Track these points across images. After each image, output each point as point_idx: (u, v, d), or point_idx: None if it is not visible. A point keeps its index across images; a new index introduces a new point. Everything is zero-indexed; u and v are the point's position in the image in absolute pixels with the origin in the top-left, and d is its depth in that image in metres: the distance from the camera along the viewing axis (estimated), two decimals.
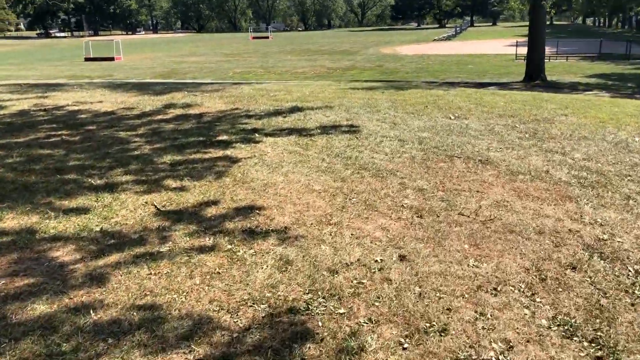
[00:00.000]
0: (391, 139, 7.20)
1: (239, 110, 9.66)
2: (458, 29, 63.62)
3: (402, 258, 3.87)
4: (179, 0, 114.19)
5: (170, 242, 4.10)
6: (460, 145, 6.96)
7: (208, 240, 4.12)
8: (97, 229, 4.35)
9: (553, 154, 6.59)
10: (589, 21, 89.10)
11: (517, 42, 32.73)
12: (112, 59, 40.00)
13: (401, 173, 5.80)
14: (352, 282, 3.53)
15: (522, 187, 5.40)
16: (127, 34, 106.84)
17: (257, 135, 7.55)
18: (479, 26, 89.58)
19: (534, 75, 18.53)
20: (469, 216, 4.63)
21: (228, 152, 6.65)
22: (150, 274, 3.63)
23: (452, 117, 8.74)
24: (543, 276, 3.65)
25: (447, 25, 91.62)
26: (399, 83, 16.17)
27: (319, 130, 7.78)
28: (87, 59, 40.16)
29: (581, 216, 4.70)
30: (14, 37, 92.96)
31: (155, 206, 4.81)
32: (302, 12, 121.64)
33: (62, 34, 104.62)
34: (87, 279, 3.55)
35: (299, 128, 7.97)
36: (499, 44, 43.62)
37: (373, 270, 3.68)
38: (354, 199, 5.01)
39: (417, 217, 4.61)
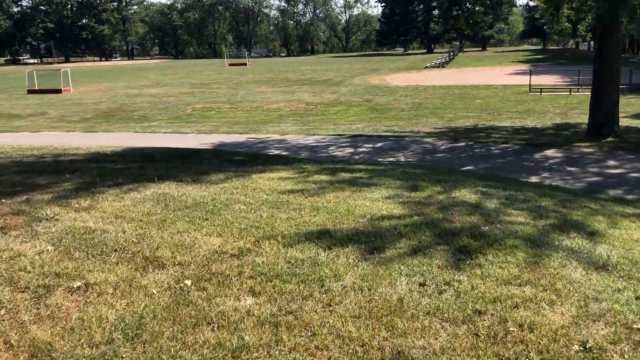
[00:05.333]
0: None
1: None
2: (451, 54, 59.12)
3: None
4: (154, 25, 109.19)
5: None
6: None
7: None
8: None
9: None
10: (582, 46, 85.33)
11: (530, 71, 27.80)
12: (59, 91, 34.61)
13: None
14: None
15: None
16: (101, 60, 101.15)
17: None
18: (469, 51, 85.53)
19: (605, 129, 12.63)
20: None
21: None
22: None
23: None
24: None
25: (435, 51, 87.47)
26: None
27: None
28: (30, 91, 34.70)
29: None
30: None
31: None
32: (285, 38, 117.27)
33: (33, 61, 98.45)
34: None
35: None
36: (500, 72, 39.07)
37: None
38: None
39: None
